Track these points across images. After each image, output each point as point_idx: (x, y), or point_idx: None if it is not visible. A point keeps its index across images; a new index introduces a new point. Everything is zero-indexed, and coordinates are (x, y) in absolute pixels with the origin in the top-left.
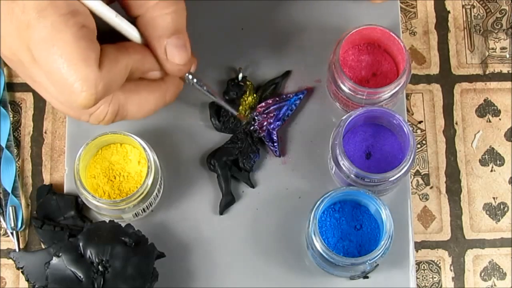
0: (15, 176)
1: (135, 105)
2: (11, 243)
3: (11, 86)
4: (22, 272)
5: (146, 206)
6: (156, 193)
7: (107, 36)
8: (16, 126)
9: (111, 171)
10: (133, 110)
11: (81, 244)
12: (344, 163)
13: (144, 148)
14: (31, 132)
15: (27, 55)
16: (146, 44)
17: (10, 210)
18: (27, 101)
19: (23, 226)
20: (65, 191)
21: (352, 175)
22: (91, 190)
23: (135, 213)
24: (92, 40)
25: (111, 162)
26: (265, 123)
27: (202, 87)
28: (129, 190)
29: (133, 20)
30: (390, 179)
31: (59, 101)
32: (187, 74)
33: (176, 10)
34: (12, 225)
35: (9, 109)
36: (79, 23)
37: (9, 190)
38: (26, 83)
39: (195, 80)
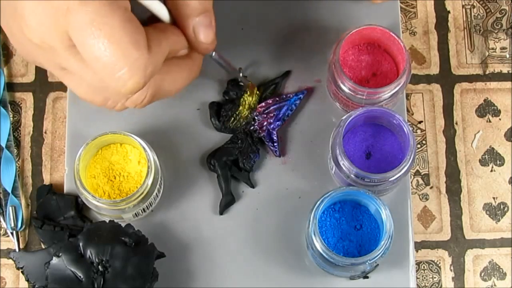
0: (15, 176)
1: (169, 84)
2: (11, 243)
3: (11, 86)
4: (22, 272)
5: (146, 206)
6: (156, 193)
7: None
8: (16, 126)
9: (111, 171)
10: (166, 89)
11: (81, 244)
12: (344, 163)
13: (144, 148)
14: (31, 132)
15: (62, 42)
16: (174, 23)
17: (10, 210)
18: (27, 101)
19: (23, 226)
20: (65, 191)
21: (352, 175)
22: (91, 190)
23: (135, 213)
24: (137, 23)
25: (111, 162)
26: (265, 123)
27: (223, 63)
28: (129, 190)
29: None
30: (390, 179)
31: (93, 86)
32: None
33: None
34: (12, 225)
35: (9, 109)
36: (122, 7)
37: (9, 190)
38: (26, 83)
39: (217, 57)
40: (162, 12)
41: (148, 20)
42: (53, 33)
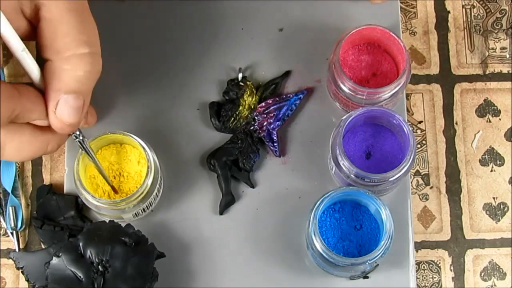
0: (15, 176)
1: (14, 148)
2: (11, 243)
3: None
4: (22, 272)
5: (146, 206)
6: (156, 193)
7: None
8: None
9: (111, 171)
10: (10, 152)
11: (81, 244)
12: (344, 163)
13: (143, 148)
14: None
15: None
16: (43, 87)
17: (10, 210)
18: None
19: (23, 226)
20: (65, 191)
21: (352, 175)
22: (91, 190)
23: (135, 213)
24: None
25: (111, 162)
26: (265, 123)
27: (85, 147)
28: (129, 190)
29: (43, 61)
30: (390, 179)
31: None
32: (76, 132)
33: (88, 71)
34: (12, 225)
35: None
36: None
37: (9, 190)
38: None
39: (81, 138)
40: (33, 70)
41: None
42: None
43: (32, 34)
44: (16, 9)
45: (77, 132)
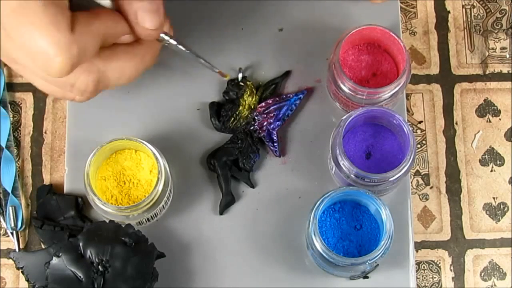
0: (15, 176)
1: (115, 71)
2: (11, 243)
3: (11, 86)
4: (22, 272)
5: (151, 216)
6: (163, 205)
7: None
8: (16, 126)
9: (122, 176)
10: (114, 76)
11: (81, 244)
12: (344, 163)
13: (156, 159)
14: (31, 132)
15: (2, 32)
16: (118, 9)
17: (10, 210)
18: (27, 101)
19: (23, 226)
20: (65, 191)
21: (352, 175)
22: (100, 192)
23: (139, 221)
24: (61, 6)
25: (123, 167)
26: (265, 123)
27: (179, 47)
28: (136, 198)
29: None
30: (390, 179)
31: (39, 75)
32: (162, 35)
33: None
34: (12, 225)
35: (9, 109)
36: None
37: (9, 190)
38: (26, 83)
39: (171, 41)
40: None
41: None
42: None
43: None
44: None
45: (165, 37)
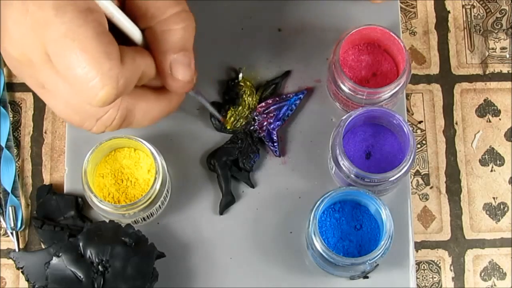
0: (15, 176)
1: (142, 111)
2: (11, 243)
3: (11, 86)
4: (22, 272)
5: (147, 216)
6: (160, 205)
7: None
8: (16, 126)
9: (120, 174)
10: (139, 117)
11: (81, 244)
12: (344, 163)
13: (154, 158)
14: (31, 132)
15: (40, 55)
16: (147, 48)
17: (10, 210)
18: (27, 101)
19: (23, 226)
20: (65, 191)
21: (352, 175)
22: (97, 189)
23: (135, 220)
24: (111, 37)
25: (122, 165)
26: (265, 123)
27: (202, 100)
28: (133, 196)
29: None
30: (390, 179)
31: (69, 103)
32: (191, 92)
33: (186, 27)
34: (12, 225)
35: (9, 109)
36: (97, 20)
37: (9, 190)
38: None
39: (198, 97)
40: (134, 32)
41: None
42: (32, 45)
43: (122, 10)
44: None
45: (191, 93)
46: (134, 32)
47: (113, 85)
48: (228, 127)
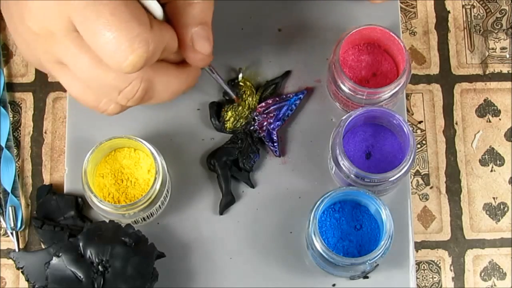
0: (15, 176)
1: (162, 84)
2: (11, 243)
3: (11, 86)
4: (22, 272)
5: (147, 216)
6: (160, 205)
7: None
8: (16, 126)
9: (120, 174)
10: (160, 90)
11: (81, 244)
12: (344, 163)
13: (154, 158)
14: (31, 132)
15: (63, 25)
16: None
17: (9, 210)
18: (27, 101)
19: (23, 226)
20: (65, 191)
21: (352, 175)
22: (97, 188)
23: (135, 220)
24: (138, 4)
25: (122, 165)
26: (265, 123)
27: (217, 77)
28: (133, 196)
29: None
30: (390, 179)
31: (87, 79)
32: (206, 68)
33: (206, 1)
34: (12, 225)
35: (9, 109)
36: None
37: (9, 190)
38: (26, 83)
39: (213, 72)
40: (154, 7)
41: None
42: (54, 16)
43: None
44: None
45: (207, 69)
46: (155, 6)
47: (144, 48)
48: (228, 127)
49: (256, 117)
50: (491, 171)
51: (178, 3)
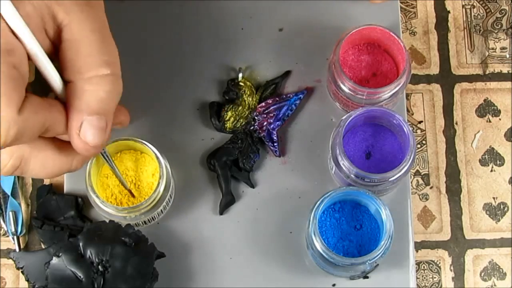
0: (15, 178)
1: (38, 164)
2: (11, 243)
3: None
4: (22, 272)
5: (148, 219)
6: (162, 209)
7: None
8: None
9: (125, 176)
10: (35, 168)
11: (81, 244)
12: (344, 163)
13: (159, 161)
14: None
15: None
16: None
17: (10, 215)
18: None
19: (24, 231)
20: (65, 191)
21: (352, 175)
22: (101, 189)
23: (136, 223)
24: (19, 83)
25: (127, 167)
26: (265, 123)
27: (112, 164)
28: (136, 199)
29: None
30: (390, 179)
31: None
32: (101, 153)
33: (110, 91)
34: (13, 229)
35: None
36: (11, 63)
37: (9, 193)
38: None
39: (107, 157)
40: (55, 80)
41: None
42: None
43: (54, 56)
44: (40, 27)
45: (104, 152)
46: (55, 80)
47: (2, 132)
48: (228, 127)
49: (256, 117)
50: (491, 171)
51: (78, 85)
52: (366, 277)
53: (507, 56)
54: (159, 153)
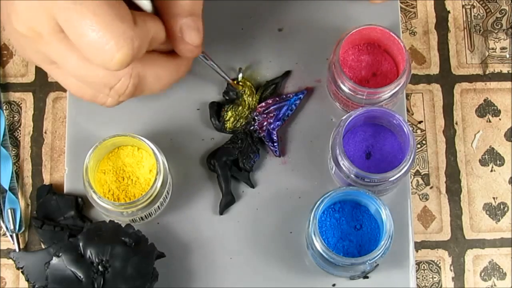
0: (12, 173)
1: (153, 77)
2: (11, 243)
3: (11, 86)
4: (22, 272)
5: (145, 216)
6: (158, 206)
7: None
8: (16, 126)
9: (122, 172)
10: (151, 83)
11: (81, 244)
12: (344, 163)
13: (156, 157)
14: (31, 132)
15: (49, 26)
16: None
17: (8, 212)
18: (27, 101)
19: (22, 229)
20: (65, 191)
21: (352, 175)
22: (98, 184)
23: (133, 219)
24: (123, 2)
25: (124, 163)
26: (265, 123)
27: (212, 64)
28: (133, 195)
29: None
30: (390, 179)
31: (80, 76)
32: (200, 56)
33: None
34: (11, 227)
35: (3, 107)
36: None
37: (7, 188)
38: (26, 83)
39: (206, 60)
40: (144, 3)
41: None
42: (40, 18)
43: None
44: None
45: (201, 57)
46: (144, 2)
47: (129, 46)
48: (228, 127)
49: (256, 117)
50: (491, 171)
51: None
52: (366, 277)
53: (507, 56)
54: (157, 149)
